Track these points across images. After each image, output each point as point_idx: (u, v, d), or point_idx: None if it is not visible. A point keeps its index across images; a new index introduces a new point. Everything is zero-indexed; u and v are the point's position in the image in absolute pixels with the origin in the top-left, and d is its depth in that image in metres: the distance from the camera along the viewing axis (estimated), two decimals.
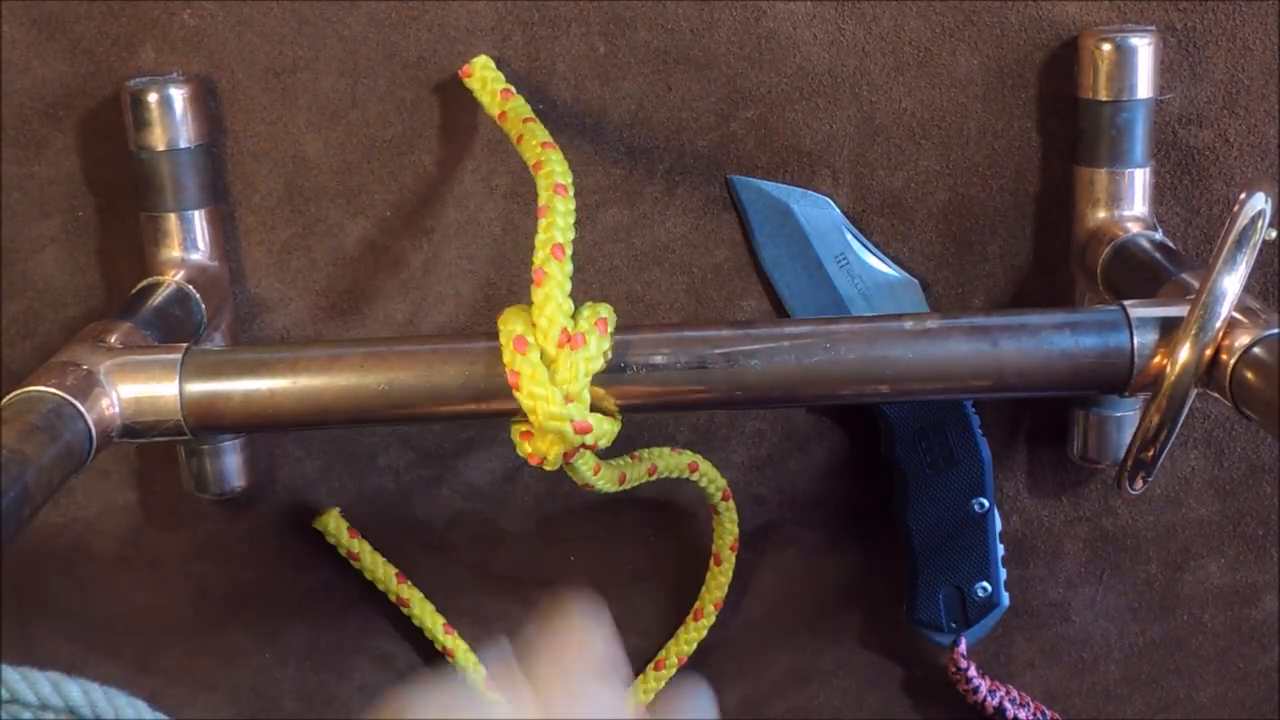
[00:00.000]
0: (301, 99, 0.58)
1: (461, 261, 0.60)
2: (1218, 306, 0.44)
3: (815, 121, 0.58)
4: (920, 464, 0.60)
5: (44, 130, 0.58)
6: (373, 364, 0.47)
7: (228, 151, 0.58)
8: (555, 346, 0.46)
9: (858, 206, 0.59)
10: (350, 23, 0.57)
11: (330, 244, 0.59)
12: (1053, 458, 0.63)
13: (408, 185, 0.59)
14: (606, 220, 0.59)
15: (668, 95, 0.58)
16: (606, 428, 0.47)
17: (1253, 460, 0.63)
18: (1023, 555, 0.64)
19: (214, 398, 0.47)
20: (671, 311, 0.60)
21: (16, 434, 0.41)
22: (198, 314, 0.55)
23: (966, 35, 0.57)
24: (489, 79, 0.55)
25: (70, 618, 0.65)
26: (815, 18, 0.57)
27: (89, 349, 0.48)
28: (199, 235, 0.57)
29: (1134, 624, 0.65)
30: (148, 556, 0.64)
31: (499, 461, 0.63)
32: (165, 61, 0.57)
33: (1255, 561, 0.64)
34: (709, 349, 0.46)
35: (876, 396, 0.47)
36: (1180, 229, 0.59)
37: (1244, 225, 0.44)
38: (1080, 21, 0.56)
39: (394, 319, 0.60)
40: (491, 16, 0.57)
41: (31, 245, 0.59)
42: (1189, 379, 0.44)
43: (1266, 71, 0.57)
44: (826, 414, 0.62)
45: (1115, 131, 0.55)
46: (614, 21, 0.57)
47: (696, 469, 0.59)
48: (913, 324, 0.47)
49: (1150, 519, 0.64)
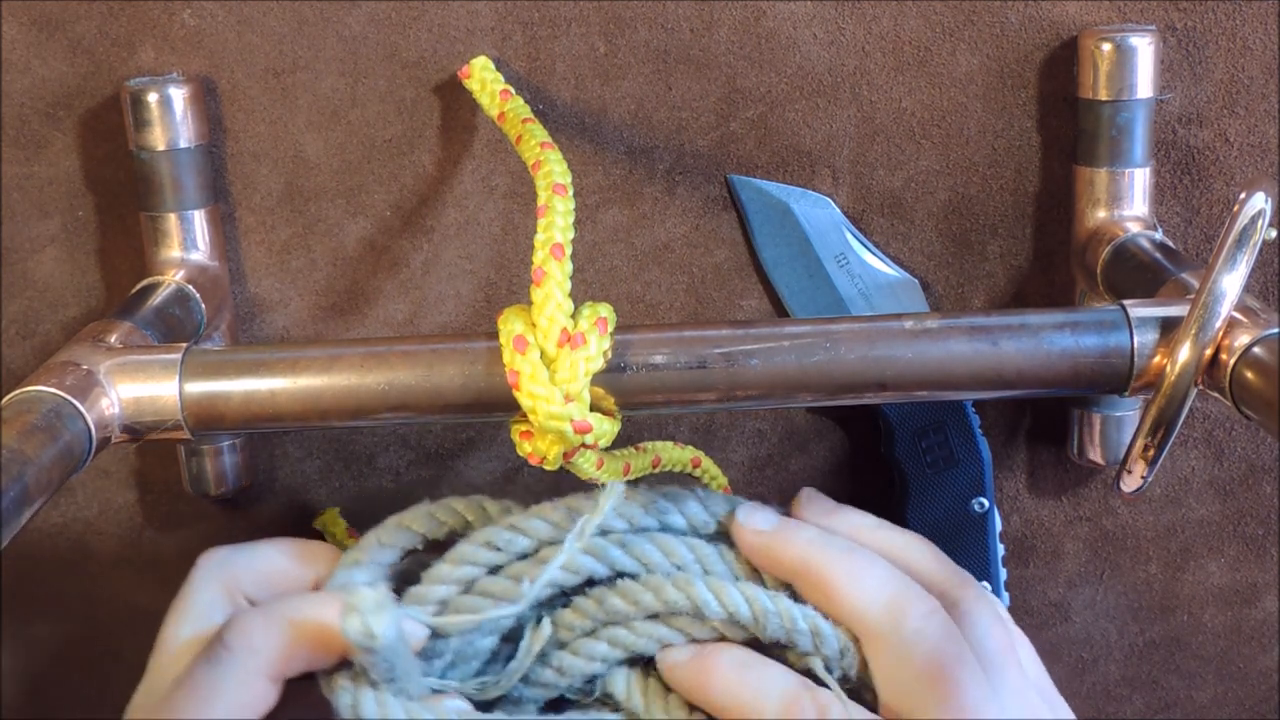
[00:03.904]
0: (301, 99, 0.58)
1: (461, 261, 0.60)
2: (1218, 306, 0.44)
3: (815, 121, 0.58)
4: (920, 464, 0.60)
5: (44, 130, 0.58)
6: (373, 364, 0.47)
7: (228, 151, 0.58)
8: (555, 346, 0.46)
9: (858, 206, 0.59)
10: (350, 23, 0.57)
11: (330, 244, 0.59)
12: (1053, 458, 0.63)
13: (408, 185, 0.59)
14: (606, 220, 0.59)
15: (668, 95, 0.58)
16: (606, 427, 0.47)
17: (1253, 460, 0.63)
18: (1023, 555, 0.64)
19: (214, 398, 0.47)
20: (671, 311, 0.60)
21: (16, 434, 0.41)
22: (198, 314, 0.55)
23: (966, 35, 0.57)
24: (488, 80, 0.55)
25: (70, 618, 0.65)
26: (815, 18, 0.57)
27: (89, 349, 0.48)
28: (199, 235, 0.57)
29: (1134, 624, 0.65)
30: (148, 556, 0.64)
31: (499, 461, 0.63)
32: (165, 61, 0.57)
33: (1255, 561, 0.64)
34: (709, 349, 0.46)
35: (876, 396, 0.47)
36: (1180, 229, 0.59)
37: (1244, 225, 0.44)
38: (1080, 21, 0.56)
39: (394, 319, 0.60)
40: (491, 17, 0.57)
41: (31, 245, 0.59)
42: (1189, 379, 0.44)
43: (1266, 71, 0.57)
44: (826, 414, 0.62)
45: (1115, 131, 0.55)
46: (614, 21, 0.57)
47: (699, 464, 0.59)
48: (913, 324, 0.47)
49: (1150, 519, 0.64)
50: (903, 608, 0.47)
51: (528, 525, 0.50)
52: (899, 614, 0.47)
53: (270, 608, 0.48)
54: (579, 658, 0.49)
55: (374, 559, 0.50)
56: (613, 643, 0.49)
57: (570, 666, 0.50)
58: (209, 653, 0.47)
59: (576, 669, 0.50)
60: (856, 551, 0.49)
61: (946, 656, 0.47)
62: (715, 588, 0.49)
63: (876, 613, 0.48)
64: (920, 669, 0.47)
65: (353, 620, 0.44)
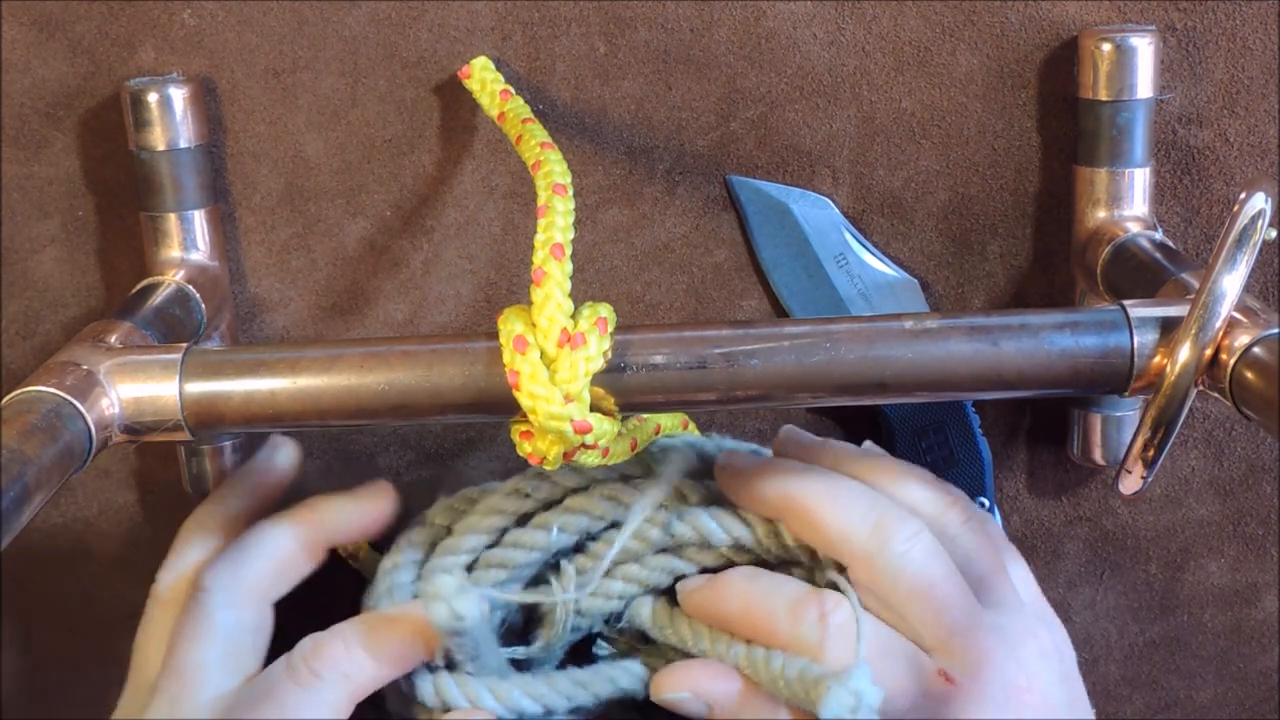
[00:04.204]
0: (301, 99, 0.58)
1: (461, 261, 0.60)
2: (1218, 306, 0.44)
3: (815, 121, 0.58)
4: (920, 464, 0.60)
5: (44, 130, 0.58)
6: (373, 364, 0.47)
7: (228, 151, 0.58)
8: (555, 346, 0.46)
9: (857, 206, 0.59)
10: (350, 23, 0.57)
11: (330, 244, 0.59)
12: (1053, 458, 0.63)
13: (408, 185, 0.59)
14: (606, 220, 0.59)
15: (668, 95, 0.58)
16: (606, 427, 0.47)
17: (1253, 460, 0.63)
18: (1023, 555, 0.64)
19: (214, 398, 0.47)
20: (671, 311, 0.60)
21: (16, 434, 0.41)
22: (198, 314, 0.55)
23: (966, 35, 0.57)
24: (488, 80, 0.55)
25: (70, 618, 0.65)
26: (815, 18, 0.57)
27: (89, 349, 0.48)
28: (199, 235, 0.57)
29: (1134, 624, 0.65)
30: (148, 556, 0.64)
31: (499, 461, 0.63)
32: (165, 61, 0.57)
33: (1255, 561, 0.64)
34: (709, 349, 0.46)
35: (876, 397, 0.47)
36: (1180, 229, 0.59)
37: (1244, 225, 0.44)
38: (1080, 21, 0.56)
39: (394, 319, 0.60)
40: (491, 17, 0.57)
41: (31, 245, 0.59)
42: (1189, 379, 0.44)
43: (1266, 71, 0.57)
44: (826, 414, 0.62)
45: (1115, 131, 0.55)
46: (614, 21, 0.57)
47: (687, 425, 0.60)
48: (912, 324, 0.46)
49: (1150, 519, 0.64)
50: (887, 532, 0.48)
51: (556, 474, 0.52)
52: (883, 538, 0.48)
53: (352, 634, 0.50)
54: (597, 597, 0.52)
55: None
56: (627, 579, 0.52)
57: (590, 607, 0.52)
58: (295, 676, 0.49)
59: (596, 609, 0.52)
60: (837, 481, 0.50)
61: (933, 577, 0.48)
62: (718, 516, 0.51)
63: (861, 539, 0.48)
64: (908, 591, 0.47)
65: (439, 607, 0.46)
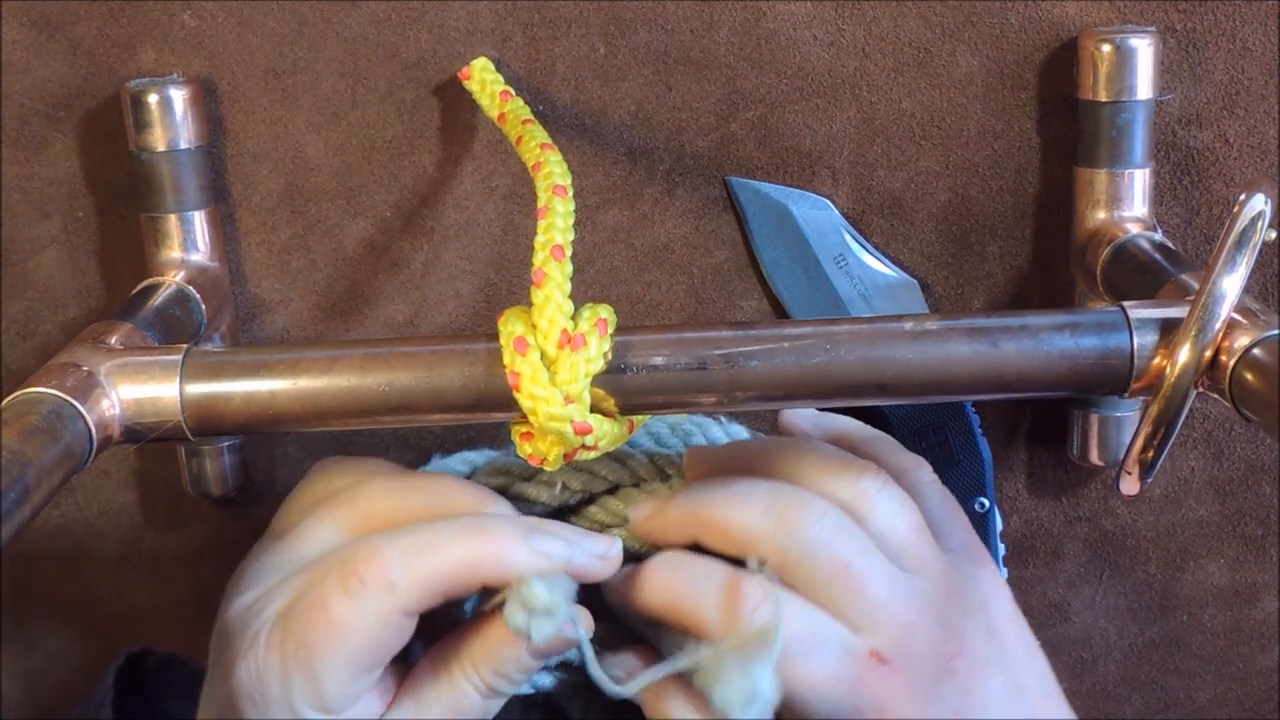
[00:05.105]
0: (302, 100, 0.58)
1: (461, 262, 0.60)
2: (1217, 307, 0.44)
3: (815, 122, 0.58)
4: None
5: (44, 130, 0.58)
6: (373, 365, 0.47)
7: (228, 152, 0.58)
8: (555, 347, 0.46)
9: (857, 207, 0.59)
10: (350, 23, 0.57)
11: (330, 244, 0.59)
12: (1053, 458, 0.63)
13: (408, 185, 0.59)
14: (606, 221, 0.59)
15: (668, 95, 0.58)
16: (607, 429, 0.47)
17: (1253, 460, 0.63)
18: (1023, 555, 0.64)
19: (214, 399, 0.47)
20: (671, 312, 0.61)
21: (17, 435, 0.41)
22: (198, 315, 0.55)
23: (966, 35, 0.57)
24: (488, 81, 0.55)
25: (70, 618, 0.65)
26: (815, 18, 0.57)
27: (89, 350, 0.48)
28: (199, 236, 0.57)
29: (1134, 624, 0.65)
30: (148, 556, 0.64)
31: None
32: (165, 62, 0.57)
33: (1255, 561, 0.64)
34: (709, 350, 0.46)
35: (876, 398, 0.47)
36: (1180, 229, 0.59)
37: (1244, 226, 0.44)
38: (1080, 22, 0.56)
39: (394, 320, 0.60)
40: (491, 17, 0.57)
41: (31, 245, 0.59)
42: (1189, 380, 0.44)
43: (1266, 71, 0.57)
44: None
45: (1115, 132, 0.55)
46: (614, 22, 0.57)
47: None
48: (912, 325, 0.46)
49: (1150, 519, 0.64)
50: (792, 519, 0.47)
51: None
52: (791, 527, 0.47)
53: (405, 542, 0.47)
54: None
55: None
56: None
57: None
58: (345, 583, 0.46)
59: None
60: (733, 485, 0.49)
61: (848, 555, 0.47)
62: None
63: (769, 535, 0.47)
64: (826, 574, 0.47)
65: (518, 616, 0.45)
